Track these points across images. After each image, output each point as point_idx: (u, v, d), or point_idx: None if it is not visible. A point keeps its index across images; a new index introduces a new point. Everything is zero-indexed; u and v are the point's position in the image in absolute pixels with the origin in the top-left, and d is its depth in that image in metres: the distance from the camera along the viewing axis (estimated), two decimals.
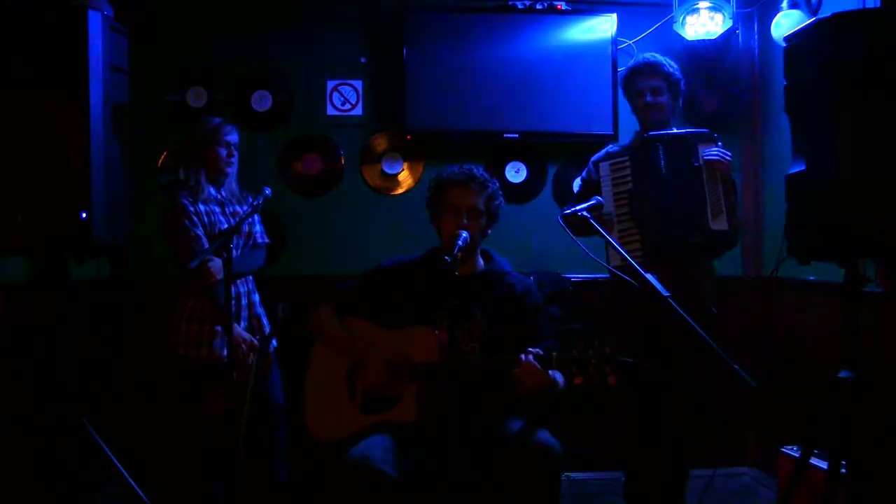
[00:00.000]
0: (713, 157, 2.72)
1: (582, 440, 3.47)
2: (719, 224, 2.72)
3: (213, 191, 2.94)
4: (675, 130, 2.86)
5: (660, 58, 2.89)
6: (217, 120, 2.97)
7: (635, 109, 2.94)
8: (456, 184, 2.51)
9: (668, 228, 2.73)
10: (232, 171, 2.98)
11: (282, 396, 3.05)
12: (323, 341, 2.57)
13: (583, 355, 2.16)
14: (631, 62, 2.99)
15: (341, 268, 3.54)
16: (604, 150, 2.96)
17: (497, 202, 2.55)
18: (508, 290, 2.54)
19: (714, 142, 2.77)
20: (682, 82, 2.92)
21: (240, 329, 2.89)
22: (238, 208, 2.99)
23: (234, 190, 3.02)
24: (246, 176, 3.14)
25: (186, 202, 2.85)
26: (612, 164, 2.85)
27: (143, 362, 3.52)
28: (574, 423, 3.40)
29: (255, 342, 2.89)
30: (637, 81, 2.90)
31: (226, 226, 2.84)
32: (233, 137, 2.96)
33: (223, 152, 2.93)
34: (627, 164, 2.80)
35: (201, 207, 2.88)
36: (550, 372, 2.23)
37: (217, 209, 2.93)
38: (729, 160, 2.74)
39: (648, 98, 2.87)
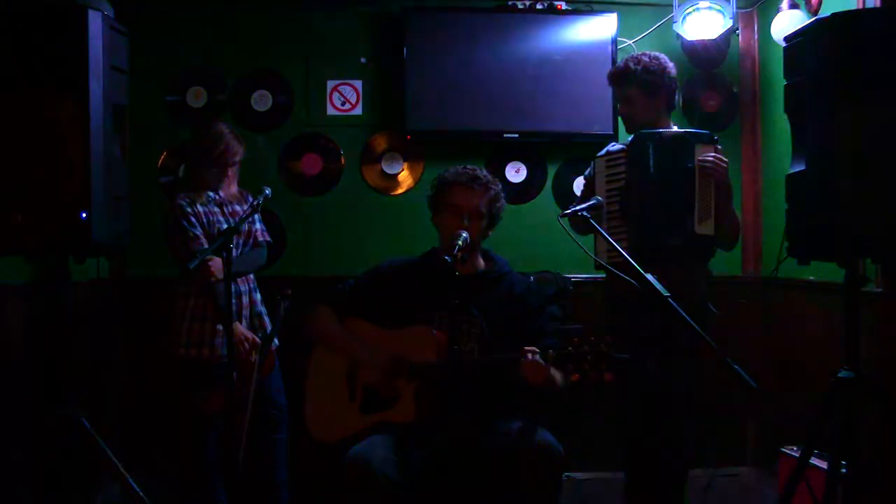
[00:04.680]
0: (709, 161, 2.66)
1: (582, 440, 3.47)
2: (705, 229, 2.67)
3: (211, 192, 2.94)
4: (673, 129, 2.84)
5: (631, 64, 2.80)
6: (229, 136, 2.97)
7: None
8: (458, 184, 2.51)
9: (648, 228, 2.69)
10: (233, 176, 3.01)
11: (283, 396, 3.05)
12: (322, 342, 2.57)
13: (578, 352, 2.15)
14: None
15: (341, 268, 3.54)
16: (606, 148, 2.96)
17: (499, 204, 2.55)
18: (508, 290, 2.54)
19: (713, 144, 2.72)
20: (665, 77, 2.79)
21: (242, 327, 2.90)
22: (237, 208, 3.00)
23: (232, 191, 3.03)
24: (246, 176, 3.15)
25: (184, 203, 2.86)
26: (607, 160, 2.84)
27: (143, 362, 3.52)
28: (574, 423, 3.41)
29: (258, 340, 2.89)
30: (613, 90, 2.90)
31: (225, 226, 2.85)
32: (241, 155, 3.00)
33: (231, 172, 2.97)
34: (623, 160, 2.78)
35: (200, 208, 2.88)
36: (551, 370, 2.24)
37: (216, 209, 2.94)
38: (725, 165, 2.68)
39: (622, 107, 2.88)
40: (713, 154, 2.68)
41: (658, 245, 2.67)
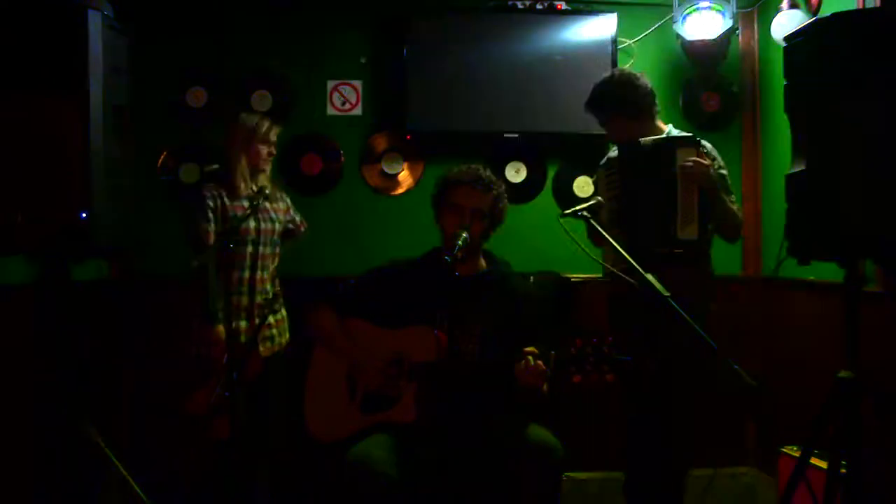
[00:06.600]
0: (689, 165, 2.65)
1: (582, 440, 3.47)
2: (688, 233, 2.67)
3: (254, 187, 2.93)
4: (654, 137, 2.81)
5: (599, 96, 2.84)
6: (258, 118, 3.00)
7: None
8: (461, 184, 2.51)
9: (636, 236, 2.69)
10: (267, 167, 3.01)
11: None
12: (322, 342, 2.58)
13: (580, 354, 2.16)
14: None
15: (341, 268, 3.54)
16: (608, 154, 2.97)
17: (502, 204, 2.56)
18: (509, 291, 2.54)
19: (695, 147, 2.70)
20: (638, 95, 2.80)
21: (217, 332, 2.85)
22: (266, 205, 2.99)
23: (262, 187, 3.00)
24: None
25: (208, 195, 2.86)
26: (606, 168, 2.87)
27: (144, 361, 3.52)
28: (574, 423, 3.41)
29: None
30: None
31: (253, 224, 2.86)
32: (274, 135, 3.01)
33: (263, 150, 2.95)
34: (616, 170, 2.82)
35: (231, 204, 2.88)
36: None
37: (245, 203, 2.93)
38: (707, 166, 2.66)
39: (606, 132, 2.91)
40: (694, 158, 2.67)
41: (646, 253, 2.67)
